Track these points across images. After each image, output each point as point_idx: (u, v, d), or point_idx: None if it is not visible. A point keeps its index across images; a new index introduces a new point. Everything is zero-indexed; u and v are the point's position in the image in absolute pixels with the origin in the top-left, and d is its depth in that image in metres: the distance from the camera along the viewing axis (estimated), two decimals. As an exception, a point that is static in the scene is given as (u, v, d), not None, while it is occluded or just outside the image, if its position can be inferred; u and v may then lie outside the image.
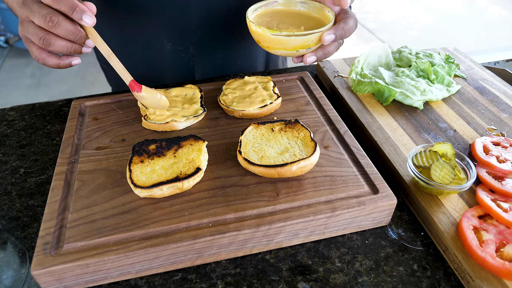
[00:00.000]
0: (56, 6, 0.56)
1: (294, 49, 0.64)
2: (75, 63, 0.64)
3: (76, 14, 0.57)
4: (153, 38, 0.89)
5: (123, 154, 0.63)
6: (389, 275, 0.51)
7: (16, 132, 0.76)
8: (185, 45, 0.90)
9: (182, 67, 0.93)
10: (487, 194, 0.56)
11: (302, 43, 0.63)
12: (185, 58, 0.92)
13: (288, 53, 0.66)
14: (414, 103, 0.76)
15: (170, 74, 0.95)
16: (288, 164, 0.55)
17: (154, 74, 0.96)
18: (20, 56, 3.44)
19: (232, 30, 0.89)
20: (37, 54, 0.60)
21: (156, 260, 0.49)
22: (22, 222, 0.58)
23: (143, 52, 0.92)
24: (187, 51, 0.91)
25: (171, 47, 0.90)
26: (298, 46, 0.64)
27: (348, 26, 0.64)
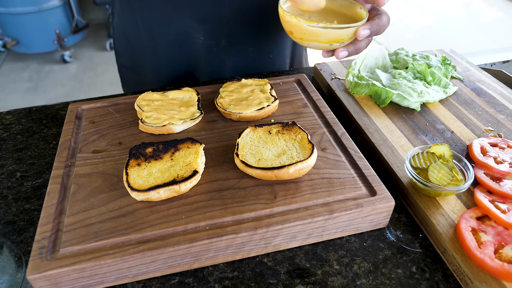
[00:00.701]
0: None
1: (328, 42, 0.64)
2: None
3: None
4: (184, 33, 0.89)
5: (120, 157, 0.62)
6: (388, 277, 0.51)
7: (12, 136, 0.76)
8: (217, 38, 0.90)
9: (213, 61, 0.93)
10: (485, 195, 0.56)
11: (337, 36, 0.62)
12: (216, 52, 0.92)
13: (320, 46, 0.65)
14: (411, 105, 0.76)
15: (200, 69, 0.95)
16: (285, 167, 0.54)
17: (183, 70, 0.95)
18: (17, 60, 3.44)
19: (264, 23, 0.89)
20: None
21: (153, 264, 0.49)
22: (18, 226, 0.58)
23: (172, 48, 0.92)
24: (218, 44, 0.90)
25: (202, 41, 0.90)
26: (332, 40, 0.63)
27: (382, 22, 0.64)
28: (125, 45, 0.98)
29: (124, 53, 1.00)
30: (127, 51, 0.99)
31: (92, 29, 3.93)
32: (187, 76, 0.96)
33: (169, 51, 0.92)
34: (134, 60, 0.99)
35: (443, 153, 0.60)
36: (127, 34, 0.95)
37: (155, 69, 0.96)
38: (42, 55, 3.49)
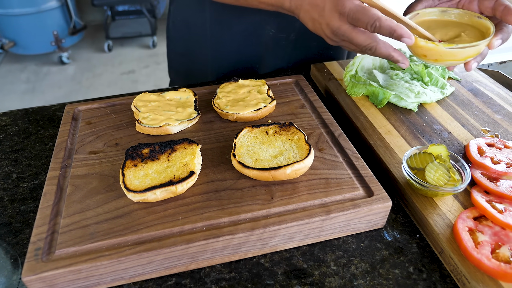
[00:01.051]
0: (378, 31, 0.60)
1: (463, 59, 0.65)
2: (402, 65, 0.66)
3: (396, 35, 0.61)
4: (255, 24, 0.90)
5: (116, 158, 0.62)
6: (385, 278, 0.51)
7: (9, 137, 0.76)
8: (287, 31, 0.91)
9: (278, 53, 0.95)
10: (482, 195, 0.56)
11: (474, 52, 0.64)
12: (284, 45, 0.93)
13: (455, 63, 0.66)
14: (409, 105, 0.76)
15: (264, 61, 0.96)
16: (282, 167, 0.54)
17: (245, 61, 0.96)
18: (15, 61, 3.43)
19: None
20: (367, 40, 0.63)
21: (150, 265, 0.49)
22: (14, 228, 0.58)
23: (240, 38, 0.92)
24: (288, 37, 0.92)
25: (273, 34, 0.91)
26: (469, 56, 0.64)
27: (509, 29, 0.65)
28: (184, 31, 0.98)
29: (180, 39, 1.00)
30: (185, 38, 0.98)
31: (90, 30, 3.93)
32: (247, 67, 0.97)
33: (236, 42, 0.93)
34: (191, 47, 0.99)
35: (440, 154, 0.60)
36: (188, 21, 0.95)
37: (214, 58, 0.97)
38: (40, 57, 3.48)
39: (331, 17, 0.63)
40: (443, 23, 0.73)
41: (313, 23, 0.67)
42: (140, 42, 3.78)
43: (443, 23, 0.73)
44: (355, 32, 0.62)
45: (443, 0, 0.73)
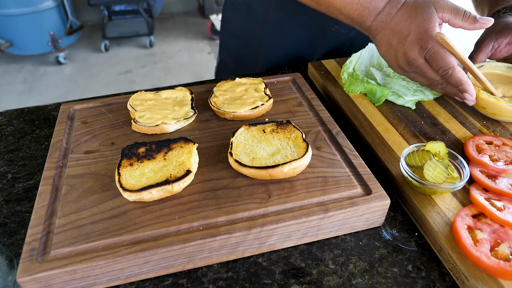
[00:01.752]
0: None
1: None
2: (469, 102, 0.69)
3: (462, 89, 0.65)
4: (318, 18, 0.90)
5: (112, 157, 0.61)
6: (384, 276, 0.50)
7: (4, 137, 0.75)
8: (349, 28, 0.92)
9: (336, 46, 0.96)
10: (481, 193, 0.55)
11: None
12: (343, 40, 0.95)
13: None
14: (407, 103, 0.75)
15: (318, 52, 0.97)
16: (279, 165, 0.54)
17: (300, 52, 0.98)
18: (12, 62, 3.42)
19: None
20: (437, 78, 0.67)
21: (146, 265, 0.48)
22: (9, 229, 0.57)
23: (299, 30, 0.93)
24: (348, 34, 0.94)
25: (336, 30, 0.93)
26: None
27: None
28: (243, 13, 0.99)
29: (237, 20, 1.00)
30: (243, 19, 0.99)
31: (86, 30, 3.92)
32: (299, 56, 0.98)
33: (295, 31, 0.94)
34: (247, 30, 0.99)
35: (439, 151, 0.59)
36: (251, 4, 0.96)
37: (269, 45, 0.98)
38: (37, 57, 3.47)
39: (411, 47, 0.65)
40: (508, 79, 0.76)
41: (389, 48, 0.68)
42: (137, 41, 3.77)
43: (507, 79, 0.76)
44: (429, 68, 0.66)
45: (502, 45, 0.75)
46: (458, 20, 0.65)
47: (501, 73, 0.77)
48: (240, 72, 0.99)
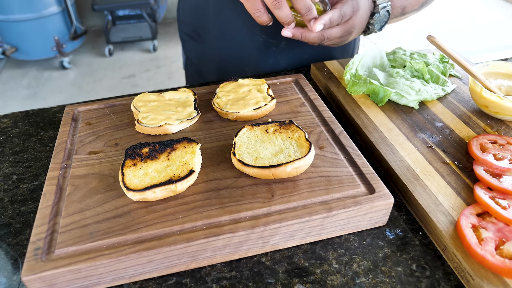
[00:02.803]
0: None
1: None
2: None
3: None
4: (246, 28, 0.91)
5: (116, 158, 0.62)
6: (388, 275, 0.50)
7: (9, 139, 0.75)
8: (278, 38, 0.92)
9: (269, 59, 0.96)
10: (485, 191, 0.55)
11: None
12: (275, 51, 0.94)
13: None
14: (410, 103, 0.75)
15: (254, 64, 0.97)
16: (282, 165, 0.54)
17: (238, 61, 0.98)
18: (16, 67, 3.45)
19: None
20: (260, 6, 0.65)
21: (150, 264, 0.48)
22: (14, 229, 0.57)
23: (236, 38, 0.94)
24: (279, 44, 0.93)
25: (264, 39, 0.92)
26: None
27: None
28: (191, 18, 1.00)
29: (189, 24, 1.03)
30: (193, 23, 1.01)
31: (90, 35, 3.95)
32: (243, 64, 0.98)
33: (234, 38, 0.94)
34: (199, 32, 1.01)
35: None
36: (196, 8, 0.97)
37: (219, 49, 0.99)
38: (41, 62, 3.50)
39: None
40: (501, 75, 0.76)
41: None
42: (140, 46, 3.79)
43: (501, 75, 0.76)
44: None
45: None
46: None
47: (506, 72, 0.77)
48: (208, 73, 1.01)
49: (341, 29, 0.70)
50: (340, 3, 0.68)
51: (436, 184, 0.58)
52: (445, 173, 0.60)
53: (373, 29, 0.78)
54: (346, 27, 0.71)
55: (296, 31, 0.69)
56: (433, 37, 0.65)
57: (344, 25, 0.70)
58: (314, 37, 0.69)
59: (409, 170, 0.61)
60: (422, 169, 0.61)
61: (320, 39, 0.70)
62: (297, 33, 0.69)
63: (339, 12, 0.67)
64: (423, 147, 0.65)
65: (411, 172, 0.60)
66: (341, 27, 0.70)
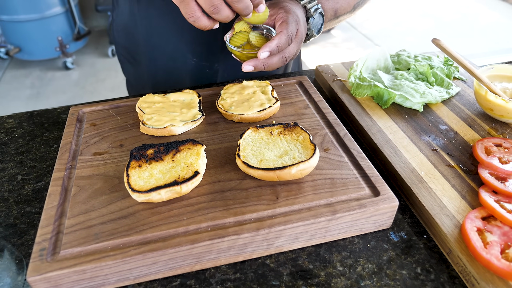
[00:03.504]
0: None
1: None
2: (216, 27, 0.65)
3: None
4: (177, 51, 0.91)
5: (121, 159, 0.62)
6: (392, 278, 0.50)
7: (14, 140, 0.76)
8: (211, 61, 0.92)
9: (203, 80, 0.95)
10: (490, 195, 0.55)
11: None
12: (208, 73, 0.94)
13: None
14: (414, 106, 0.75)
15: (190, 84, 0.96)
16: (287, 167, 0.54)
17: (174, 83, 0.97)
18: (20, 67, 3.46)
19: None
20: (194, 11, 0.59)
21: (154, 266, 0.48)
22: (19, 229, 0.58)
23: (167, 61, 0.93)
24: (212, 67, 0.93)
25: (195, 62, 0.92)
26: None
27: None
28: (124, 39, 0.99)
29: (122, 46, 1.02)
30: (127, 45, 1.00)
31: (94, 35, 3.96)
32: (179, 85, 0.97)
33: (166, 61, 0.94)
34: (132, 52, 1.00)
35: (243, 28, 0.71)
36: (128, 29, 0.96)
37: (152, 70, 0.98)
38: (45, 62, 3.51)
39: None
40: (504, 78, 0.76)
41: None
42: (143, 47, 3.79)
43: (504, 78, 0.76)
44: None
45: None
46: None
47: (511, 75, 0.77)
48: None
49: (296, 43, 0.70)
50: (284, 24, 0.68)
51: (441, 187, 0.58)
52: (450, 176, 0.60)
53: (312, 34, 0.77)
54: (298, 40, 0.70)
55: (257, 62, 0.67)
56: (438, 40, 0.65)
57: (296, 38, 0.70)
58: (277, 61, 0.68)
59: (413, 173, 0.61)
60: (427, 172, 0.61)
61: (282, 61, 0.69)
62: (258, 64, 0.67)
63: (286, 34, 0.66)
64: (428, 150, 0.65)
65: (416, 175, 0.60)
66: (295, 42, 0.70)
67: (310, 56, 3.60)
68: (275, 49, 0.66)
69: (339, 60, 1.38)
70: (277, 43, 0.66)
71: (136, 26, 0.92)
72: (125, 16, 0.94)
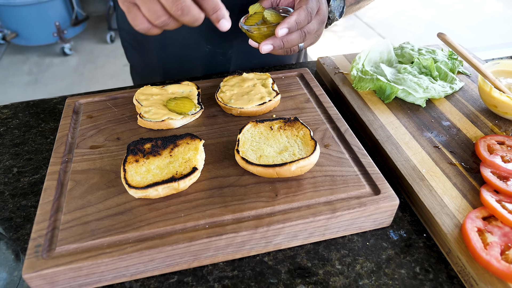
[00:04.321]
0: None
1: None
2: None
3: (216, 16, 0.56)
4: (190, 38, 0.88)
5: (118, 153, 0.61)
6: (391, 277, 0.50)
7: (9, 131, 0.75)
8: (224, 48, 0.90)
9: (217, 68, 0.93)
10: (492, 194, 0.54)
11: None
12: (222, 60, 0.92)
13: None
14: (417, 101, 0.74)
15: (203, 72, 0.95)
16: (287, 164, 0.53)
17: (186, 70, 0.95)
18: (17, 53, 3.42)
19: None
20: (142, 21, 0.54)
21: (151, 263, 0.48)
22: (15, 223, 0.57)
23: (180, 49, 0.91)
24: (225, 54, 0.91)
25: (209, 49, 0.90)
26: None
27: None
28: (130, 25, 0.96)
29: (128, 31, 0.99)
30: (133, 31, 0.96)
31: (92, 21, 3.90)
32: (192, 72, 0.95)
33: (178, 49, 0.91)
34: (138, 38, 0.97)
35: (257, 10, 0.68)
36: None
37: (163, 60, 0.96)
38: (42, 48, 3.46)
39: None
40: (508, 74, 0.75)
41: None
42: (142, 33, 3.74)
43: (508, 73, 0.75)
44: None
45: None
46: None
47: None
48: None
49: (317, 21, 0.66)
50: (304, 1, 0.64)
51: (442, 185, 0.57)
52: (451, 174, 0.59)
53: (334, 17, 0.74)
54: (319, 16, 0.66)
55: (276, 40, 0.63)
56: (443, 35, 0.63)
57: (318, 16, 0.66)
58: (296, 37, 0.64)
59: (414, 170, 0.60)
60: (428, 170, 0.60)
61: (302, 37, 0.65)
62: (277, 41, 0.63)
63: (306, 10, 0.62)
64: (430, 147, 0.64)
65: (417, 172, 0.60)
66: (316, 20, 0.66)
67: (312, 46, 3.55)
68: (294, 26, 0.62)
69: (340, 50, 1.36)
70: (295, 19, 0.62)
71: None
72: None
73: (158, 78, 0.98)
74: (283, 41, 0.63)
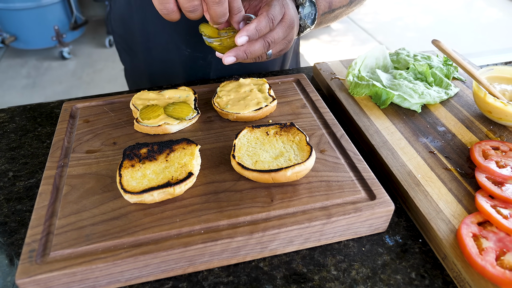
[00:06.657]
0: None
1: None
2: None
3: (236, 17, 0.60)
4: (171, 42, 0.89)
5: (114, 157, 0.61)
6: (386, 283, 0.50)
7: (6, 134, 0.75)
8: (204, 52, 0.90)
9: (197, 72, 0.94)
10: (487, 200, 0.54)
11: None
12: (203, 64, 0.92)
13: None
14: (412, 106, 0.74)
15: (184, 77, 0.95)
16: (282, 169, 0.53)
17: (169, 74, 0.95)
18: (16, 56, 3.42)
19: None
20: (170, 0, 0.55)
21: (146, 268, 0.48)
22: (9, 228, 0.57)
23: (162, 52, 0.92)
24: (205, 58, 0.91)
25: (189, 53, 0.90)
26: None
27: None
28: (121, 29, 0.98)
29: (119, 35, 1.01)
30: (123, 35, 0.99)
31: (91, 25, 3.91)
32: (174, 77, 0.96)
33: (160, 53, 0.93)
34: (128, 42, 0.99)
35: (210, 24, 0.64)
36: (126, 20, 0.95)
37: (148, 63, 0.97)
38: (41, 52, 3.47)
39: None
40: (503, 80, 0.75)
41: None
42: (141, 37, 3.75)
43: (503, 79, 0.75)
44: None
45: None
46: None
47: (510, 77, 0.76)
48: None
49: (282, 27, 0.63)
50: (266, 7, 0.61)
51: (437, 190, 0.58)
52: (447, 180, 0.59)
53: (305, 24, 0.71)
54: (285, 23, 0.64)
55: (238, 51, 0.61)
56: (438, 41, 0.63)
57: (282, 22, 0.63)
58: (259, 47, 0.61)
59: (410, 175, 0.60)
60: (424, 175, 0.60)
61: (265, 46, 0.62)
62: (239, 52, 0.61)
63: (266, 17, 0.60)
64: (425, 152, 0.65)
65: (412, 177, 0.60)
66: (281, 25, 0.63)
67: (309, 50, 3.57)
68: (254, 33, 0.60)
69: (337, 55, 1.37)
70: (255, 26, 0.59)
71: (132, 15, 0.90)
72: (122, 6, 0.92)
73: (145, 81, 0.99)
74: (246, 52, 0.61)
